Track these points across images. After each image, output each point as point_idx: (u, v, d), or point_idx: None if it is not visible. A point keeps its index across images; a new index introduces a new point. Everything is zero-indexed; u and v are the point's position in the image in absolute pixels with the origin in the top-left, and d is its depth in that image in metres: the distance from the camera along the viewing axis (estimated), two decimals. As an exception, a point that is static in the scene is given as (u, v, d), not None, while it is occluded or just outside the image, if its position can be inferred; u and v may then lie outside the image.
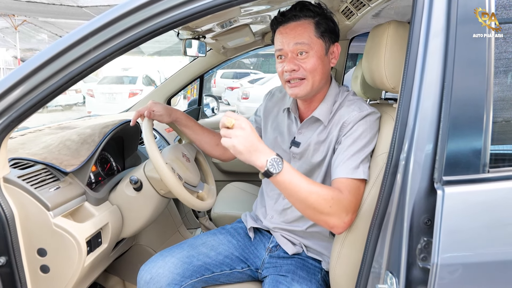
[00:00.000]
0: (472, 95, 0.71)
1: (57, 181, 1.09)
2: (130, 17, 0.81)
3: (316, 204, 0.89)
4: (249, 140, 0.84)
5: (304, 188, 0.88)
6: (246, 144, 0.83)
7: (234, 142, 0.83)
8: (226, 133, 0.85)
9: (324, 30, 1.04)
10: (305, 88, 1.05)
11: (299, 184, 0.88)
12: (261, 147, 0.86)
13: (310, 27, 1.03)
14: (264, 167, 0.84)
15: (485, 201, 0.72)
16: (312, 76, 1.04)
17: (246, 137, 0.83)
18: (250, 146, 0.84)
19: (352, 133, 1.01)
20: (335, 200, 0.90)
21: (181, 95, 5.01)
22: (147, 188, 1.26)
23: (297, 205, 0.91)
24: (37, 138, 1.27)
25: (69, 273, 1.03)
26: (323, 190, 0.91)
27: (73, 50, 0.82)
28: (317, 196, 0.89)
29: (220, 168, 2.50)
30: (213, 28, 1.69)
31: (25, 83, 0.83)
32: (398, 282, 0.73)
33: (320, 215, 0.91)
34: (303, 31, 1.02)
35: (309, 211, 0.91)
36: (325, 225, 0.94)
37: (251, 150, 0.84)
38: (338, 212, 0.91)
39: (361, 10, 1.44)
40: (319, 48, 1.04)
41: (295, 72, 1.04)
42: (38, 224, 0.98)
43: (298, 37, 1.02)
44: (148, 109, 1.21)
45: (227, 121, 0.85)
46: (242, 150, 0.83)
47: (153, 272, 1.10)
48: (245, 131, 0.84)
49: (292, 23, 1.04)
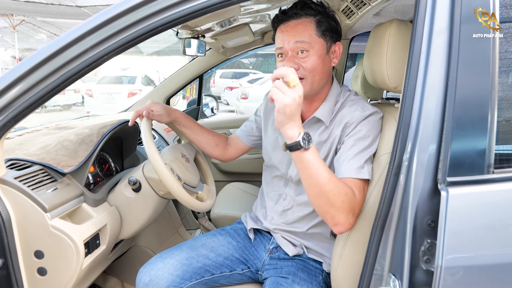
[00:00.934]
0: (476, 94, 0.70)
1: (55, 182, 1.08)
2: (128, 16, 0.79)
3: (331, 194, 0.87)
4: (297, 108, 0.84)
5: (324, 174, 0.87)
6: (293, 109, 0.83)
7: (286, 100, 0.82)
8: (283, 88, 0.83)
9: (326, 29, 1.03)
10: (304, 87, 1.03)
11: (321, 167, 0.87)
12: (298, 121, 0.86)
13: (311, 26, 1.02)
14: (296, 138, 0.84)
15: (489, 202, 0.70)
16: (311, 75, 1.02)
17: (298, 104, 0.84)
18: (295, 113, 0.84)
19: (356, 133, 1.00)
20: (348, 197, 0.89)
21: (180, 95, 4.99)
22: (146, 189, 1.25)
23: (312, 190, 0.89)
24: (34, 139, 1.26)
25: (67, 275, 1.01)
26: (341, 183, 0.90)
27: (70, 49, 0.81)
28: (334, 186, 0.88)
29: (219, 168, 2.49)
30: (212, 27, 1.68)
31: (22, 82, 0.82)
32: (401, 284, 0.72)
33: (331, 207, 0.89)
34: (304, 29, 1.01)
35: (322, 199, 0.89)
36: (330, 220, 0.91)
37: (293, 117, 0.84)
38: (347, 210, 0.89)
39: (361, 9, 1.43)
40: (319, 47, 1.02)
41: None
42: (35, 226, 0.97)
43: (298, 36, 1.01)
44: (147, 109, 1.20)
45: (291, 79, 0.83)
46: (288, 111, 0.83)
47: (152, 274, 1.08)
48: (300, 98, 0.84)
49: (293, 21, 1.03)
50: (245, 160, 2.38)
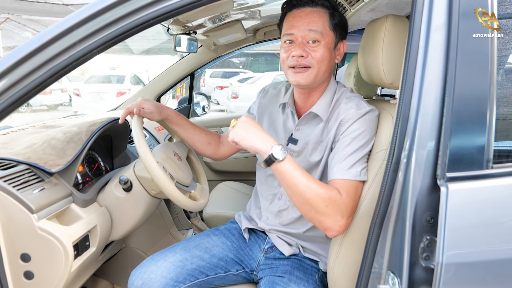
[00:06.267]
0: (475, 89, 0.70)
1: (42, 182, 1.04)
2: (118, 8, 0.76)
3: (312, 201, 0.88)
4: (249, 128, 0.92)
5: (303, 182, 0.88)
6: (247, 129, 0.92)
7: (236, 130, 0.92)
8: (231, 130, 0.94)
9: (337, 23, 1.03)
10: (308, 76, 1.02)
11: (299, 176, 0.88)
12: (263, 134, 0.92)
13: (325, 16, 1.01)
14: (268, 152, 0.88)
15: (489, 198, 0.70)
16: (318, 66, 1.01)
17: (246, 125, 0.93)
18: (252, 131, 0.92)
19: (351, 132, 0.98)
20: (332, 201, 0.88)
21: (170, 94, 4.93)
22: (137, 189, 1.22)
23: (295, 198, 0.91)
24: (20, 137, 1.22)
25: (55, 278, 0.98)
26: (322, 188, 0.89)
27: (57, 42, 0.77)
28: (314, 192, 0.88)
29: (211, 167, 2.46)
30: (204, 23, 1.65)
31: (6, 78, 0.78)
32: (401, 282, 0.71)
33: (316, 213, 0.89)
34: (319, 18, 1.00)
35: (306, 207, 0.90)
36: (319, 226, 0.92)
37: (253, 135, 0.91)
38: (333, 213, 0.89)
39: (354, 5, 1.42)
40: (330, 40, 1.02)
41: (303, 59, 1.00)
42: (21, 228, 0.93)
43: (312, 24, 1.00)
44: (138, 106, 1.16)
45: (231, 124, 0.96)
46: (245, 135, 0.91)
47: (145, 277, 1.05)
48: (244, 122, 0.94)
49: (308, 8, 1.01)
50: (238, 159, 2.36)
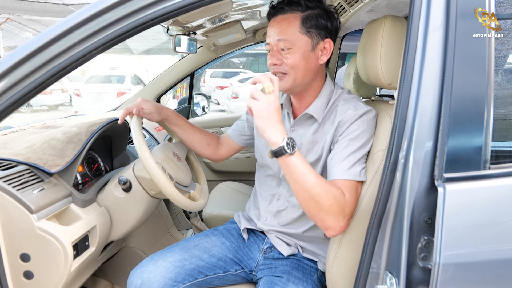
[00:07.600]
0: (473, 90, 0.70)
1: (41, 182, 1.04)
2: (119, 9, 0.77)
3: (318, 198, 0.87)
4: (273, 112, 0.86)
5: (311, 178, 0.87)
6: (270, 112, 0.85)
7: (261, 104, 0.85)
8: (256, 95, 0.86)
9: (312, 26, 1.01)
10: (286, 83, 1.03)
11: (307, 172, 0.87)
12: (279, 126, 0.87)
13: (295, 22, 1.00)
14: (280, 144, 0.85)
15: (486, 198, 0.70)
16: (293, 72, 1.02)
17: (274, 108, 0.86)
18: (272, 118, 0.85)
19: (350, 133, 0.99)
20: (337, 200, 0.88)
21: (170, 94, 4.94)
22: (136, 189, 1.22)
23: (300, 194, 0.89)
24: (20, 138, 1.22)
25: (54, 278, 0.98)
26: (328, 186, 0.89)
27: (57, 43, 0.77)
28: (321, 189, 0.87)
29: (211, 167, 2.46)
30: (203, 24, 1.66)
31: (6, 78, 0.78)
32: (398, 282, 0.71)
33: (320, 211, 0.88)
34: (287, 26, 1.00)
35: (310, 204, 0.88)
36: (321, 224, 0.91)
37: (272, 122, 0.85)
38: (337, 213, 0.88)
39: (354, 6, 1.43)
40: (303, 44, 1.01)
41: (278, 66, 1.03)
42: (20, 228, 0.93)
43: (281, 33, 1.00)
44: (137, 106, 1.17)
45: (266, 85, 0.86)
46: (264, 115, 0.85)
47: (144, 277, 1.06)
48: (275, 103, 0.86)
49: (279, 16, 1.02)
50: (237, 159, 2.36)
